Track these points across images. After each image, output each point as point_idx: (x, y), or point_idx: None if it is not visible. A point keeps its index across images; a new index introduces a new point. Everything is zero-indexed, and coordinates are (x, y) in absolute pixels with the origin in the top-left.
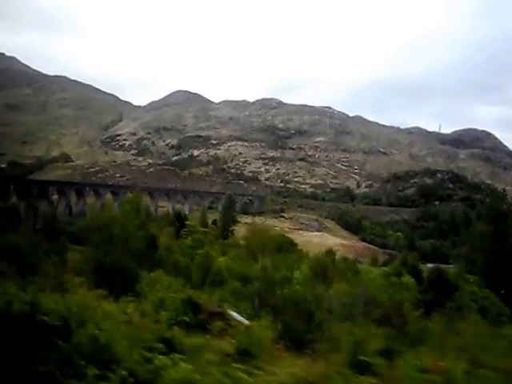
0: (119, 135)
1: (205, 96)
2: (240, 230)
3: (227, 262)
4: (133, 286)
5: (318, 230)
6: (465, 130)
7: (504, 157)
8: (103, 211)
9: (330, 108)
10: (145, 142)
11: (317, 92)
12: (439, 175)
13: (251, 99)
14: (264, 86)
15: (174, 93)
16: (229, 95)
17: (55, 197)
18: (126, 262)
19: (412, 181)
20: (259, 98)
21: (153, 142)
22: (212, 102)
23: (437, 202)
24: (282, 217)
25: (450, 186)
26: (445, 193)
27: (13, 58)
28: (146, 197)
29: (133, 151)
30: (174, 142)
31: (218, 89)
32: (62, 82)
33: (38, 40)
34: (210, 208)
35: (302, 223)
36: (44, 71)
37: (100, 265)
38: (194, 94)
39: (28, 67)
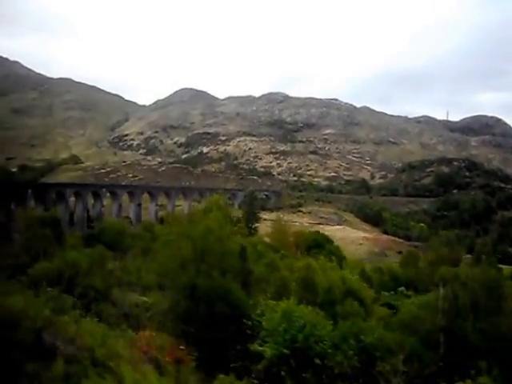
0: (126, 135)
1: (210, 93)
2: (261, 227)
3: (339, 276)
4: (240, 315)
5: (338, 224)
6: (474, 116)
7: None
8: (188, 218)
9: (336, 100)
10: (153, 141)
11: (321, 85)
12: (455, 163)
13: (256, 94)
14: (268, 80)
15: (178, 91)
16: (233, 91)
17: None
18: (228, 284)
19: (428, 170)
20: (265, 92)
21: (161, 141)
22: (217, 99)
23: (455, 191)
24: (300, 211)
25: (467, 173)
26: (463, 181)
27: (16, 63)
28: (162, 196)
29: (141, 151)
30: (182, 139)
31: (223, 85)
32: (66, 84)
33: (38, 44)
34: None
35: (322, 217)
36: (47, 75)
37: (191, 287)
38: (199, 91)
39: (31, 71)
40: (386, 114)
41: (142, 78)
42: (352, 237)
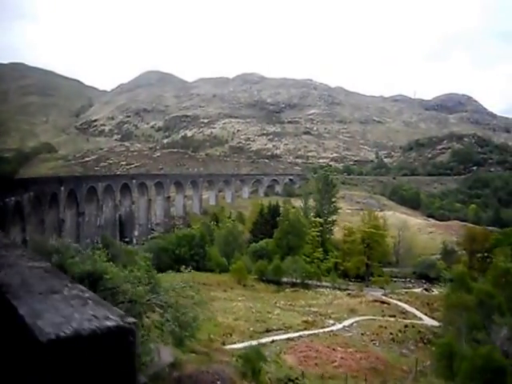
0: (95, 121)
1: (177, 75)
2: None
3: None
4: None
5: (379, 209)
6: (446, 94)
7: (490, 119)
8: None
9: (311, 80)
10: (126, 125)
11: (289, 65)
12: (466, 139)
13: (226, 75)
14: (235, 61)
15: (143, 74)
16: (201, 73)
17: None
18: None
19: (439, 147)
20: (239, 73)
21: (135, 126)
22: (187, 81)
23: (474, 168)
24: None
25: (479, 149)
26: (479, 157)
27: None
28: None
29: (115, 136)
30: (160, 123)
31: (188, 68)
32: (20, 69)
33: None
34: (252, 193)
35: (358, 202)
36: None
37: None
38: (166, 73)
39: None
40: (360, 94)
41: (98, 63)
42: (412, 224)
